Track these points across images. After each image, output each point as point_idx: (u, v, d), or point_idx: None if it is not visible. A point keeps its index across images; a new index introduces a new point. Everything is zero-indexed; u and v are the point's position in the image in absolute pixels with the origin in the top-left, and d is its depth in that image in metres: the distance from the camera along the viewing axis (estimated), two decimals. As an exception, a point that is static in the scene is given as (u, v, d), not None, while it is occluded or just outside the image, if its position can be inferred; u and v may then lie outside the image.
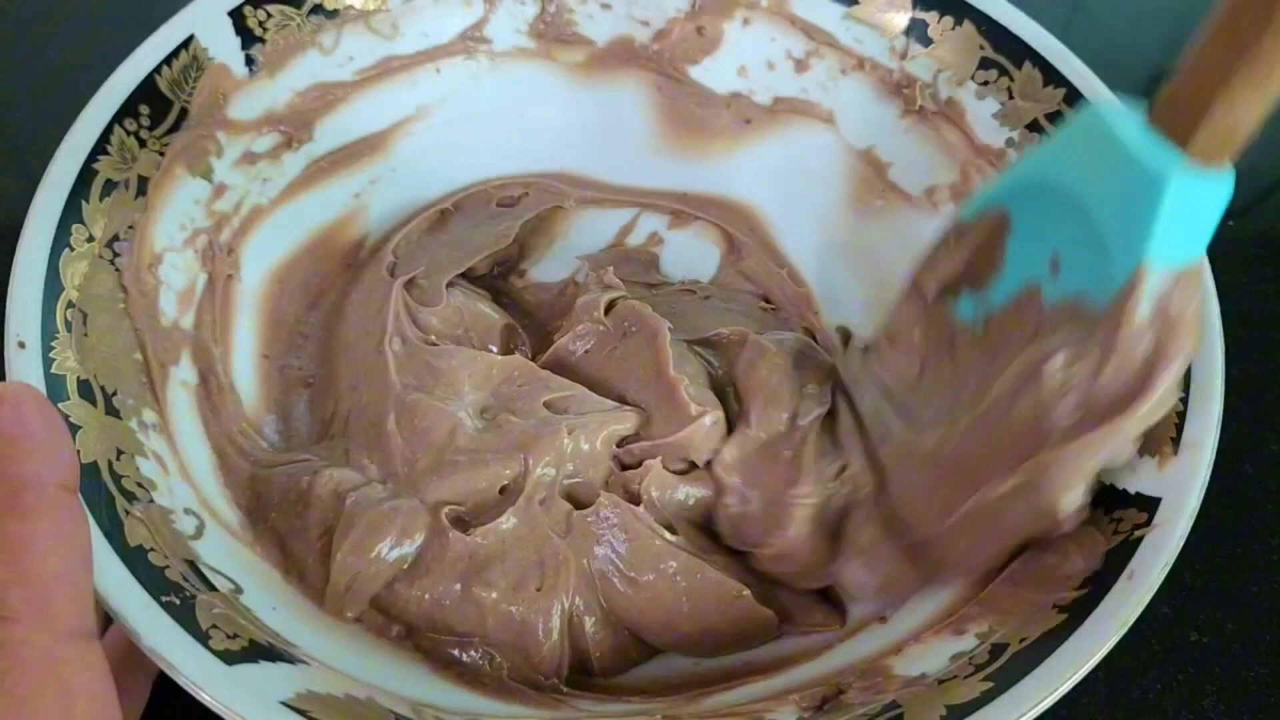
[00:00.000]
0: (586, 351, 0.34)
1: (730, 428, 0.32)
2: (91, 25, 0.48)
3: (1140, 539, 0.25)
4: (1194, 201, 0.24)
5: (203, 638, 0.23)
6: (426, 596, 0.29)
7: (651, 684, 0.30)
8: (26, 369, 0.26)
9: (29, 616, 0.20)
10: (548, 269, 0.40)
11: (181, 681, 0.23)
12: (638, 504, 0.31)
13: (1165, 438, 0.26)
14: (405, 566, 0.29)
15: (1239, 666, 0.33)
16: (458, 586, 0.29)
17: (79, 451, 0.25)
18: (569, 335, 0.34)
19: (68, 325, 0.27)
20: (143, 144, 0.31)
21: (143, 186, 0.31)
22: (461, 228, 0.39)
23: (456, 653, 0.29)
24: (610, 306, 0.34)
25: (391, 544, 0.29)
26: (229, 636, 0.24)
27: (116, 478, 0.26)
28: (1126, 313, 0.24)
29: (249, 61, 0.34)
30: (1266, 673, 0.32)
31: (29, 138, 0.43)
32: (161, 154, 0.32)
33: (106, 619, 0.24)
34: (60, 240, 0.28)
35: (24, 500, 0.21)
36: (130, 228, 0.30)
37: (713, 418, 0.31)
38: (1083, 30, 0.48)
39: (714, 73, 0.39)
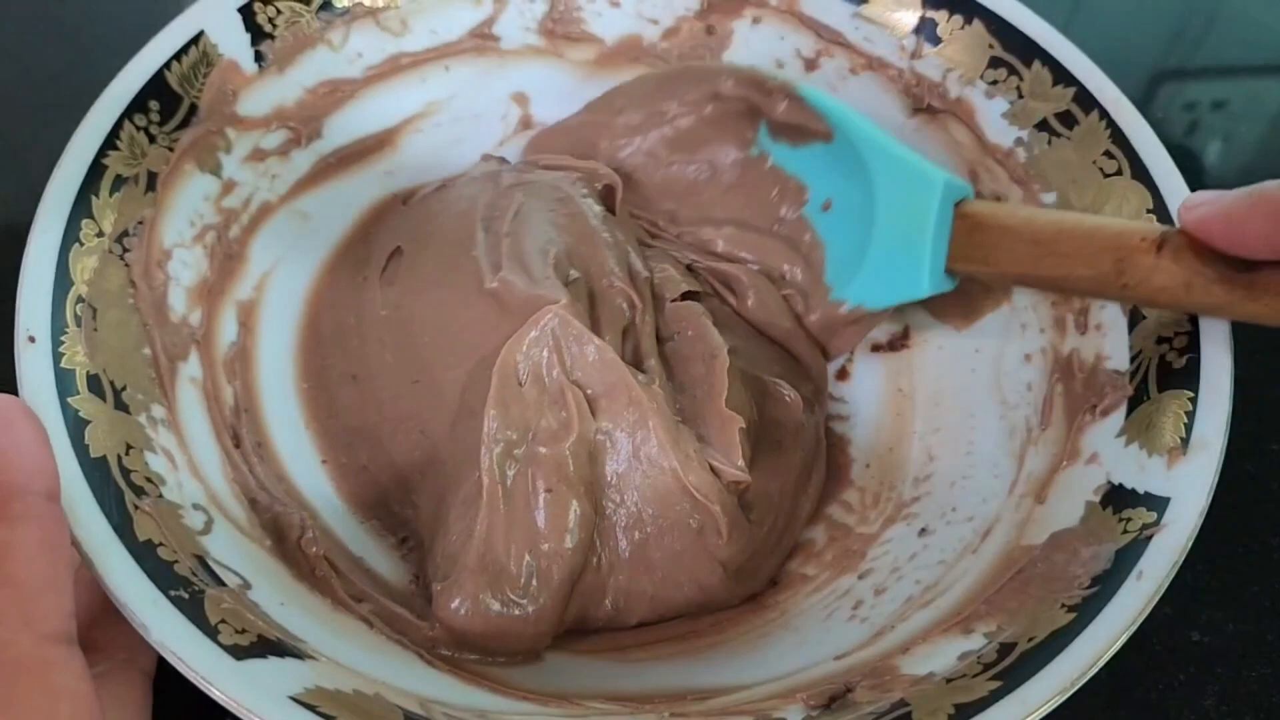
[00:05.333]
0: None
1: None
2: (92, 25, 0.48)
3: (1149, 539, 0.25)
4: (918, 274, 0.31)
5: (212, 633, 0.23)
6: None
7: (652, 692, 0.30)
8: (36, 363, 0.26)
9: (13, 619, 0.21)
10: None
11: (191, 676, 0.23)
12: None
13: (1175, 437, 0.26)
14: None
15: (1240, 666, 0.33)
16: None
17: (89, 446, 0.26)
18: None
19: (77, 320, 0.27)
20: (152, 139, 0.31)
21: (152, 182, 0.31)
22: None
23: None
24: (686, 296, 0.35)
25: None
26: (238, 631, 0.24)
27: (125, 472, 0.26)
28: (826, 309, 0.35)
29: (258, 58, 0.34)
30: (1268, 673, 0.33)
31: (29, 138, 0.43)
32: (171, 149, 0.32)
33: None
34: (70, 235, 0.28)
35: (10, 508, 0.22)
36: (140, 223, 0.30)
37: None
38: (1083, 30, 0.48)
39: (722, 72, 0.39)
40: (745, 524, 0.31)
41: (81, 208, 0.29)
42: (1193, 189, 0.31)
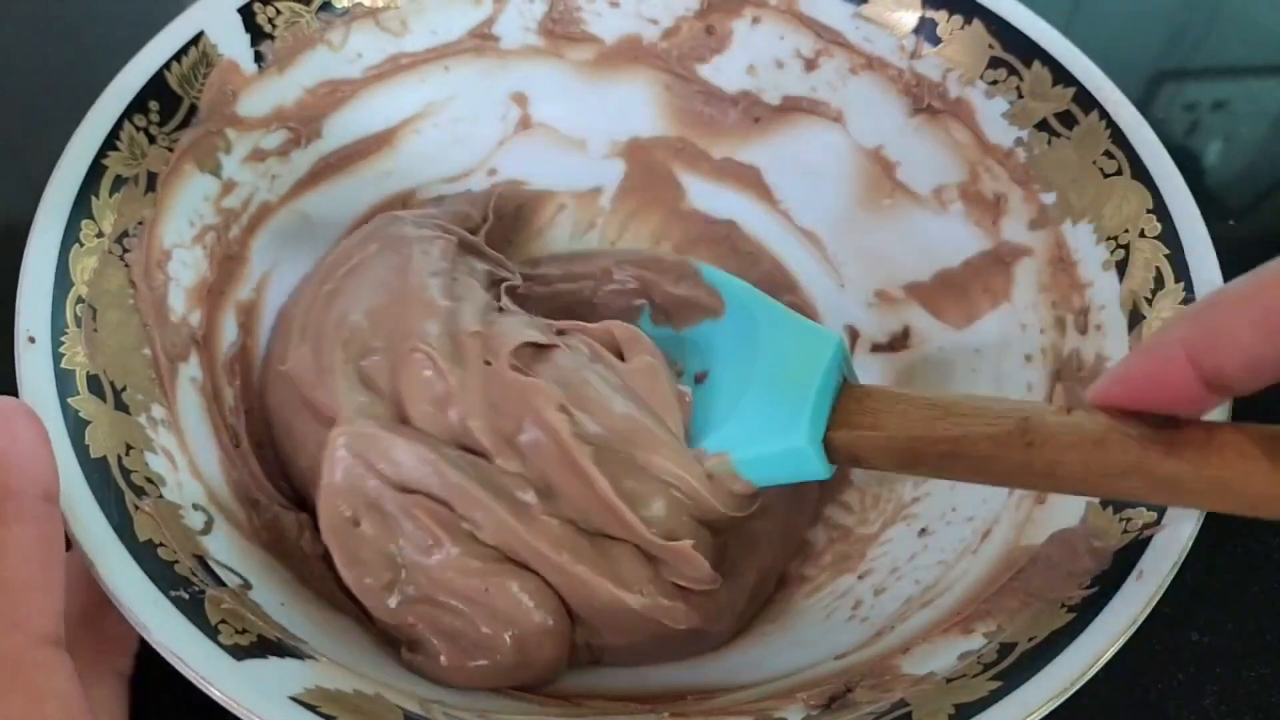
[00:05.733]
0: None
1: None
2: (92, 25, 0.48)
3: (1150, 538, 0.25)
4: (792, 456, 0.27)
5: (212, 633, 0.23)
6: None
7: (652, 692, 0.30)
8: (36, 364, 0.26)
9: (3, 620, 0.21)
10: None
11: (191, 676, 0.23)
12: None
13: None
14: None
15: (1240, 666, 0.33)
16: None
17: (89, 446, 0.26)
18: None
19: (77, 320, 0.27)
20: (152, 140, 0.31)
21: (152, 182, 0.31)
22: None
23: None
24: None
25: None
26: (238, 632, 0.24)
27: (125, 473, 0.26)
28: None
29: (258, 58, 0.34)
30: (1268, 673, 0.33)
31: (29, 138, 0.43)
32: (171, 150, 0.32)
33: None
34: (70, 235, 0.28)
35: (6, 509, 0.22)
36: (139, 223, 0.30)
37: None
38: (1083, 30, 0.48)
39: (723, 71, 0.39)
40: (735, 593, 0.30)
41: (81, 208, 0.29)
42: (1193, 189, 0.31)
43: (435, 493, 0.28)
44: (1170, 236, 0.30)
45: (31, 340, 0.26)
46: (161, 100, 0.32)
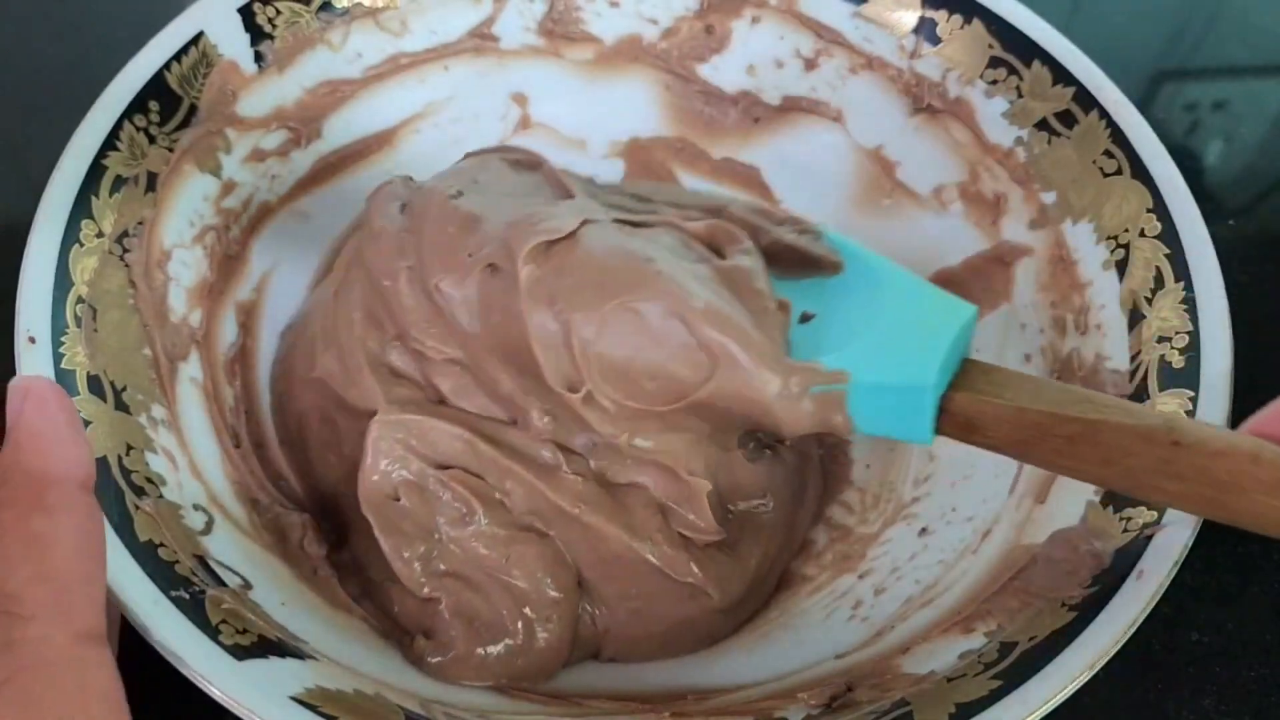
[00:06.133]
0: None
1: None
2: (91, 25, 0.48)
3: (1150, 538, 0.25)
4: (910, 399, 0.26)
5: (213, 633, 0.23)
6: None
7: (652, 692, 0.30)
8: (36, 364, 0.26)
9: (49, 616, 0.20)
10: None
11: (192, 676, 0.23)
12: None
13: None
14: None
15: (1239, 666, 0.33)
16: None
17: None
18: None
19: (77, 320, 0.27)
20: (152, 140, 0.31)
21: (152, 182, 0.31)
22: None
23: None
24: None
25: None
26: (239, 632, 0.24)
27: (126, 473, 0.26)
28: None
29: (258, 58, 0.34)
30: (1267, 673, 0.32)
31: (29, 138, 0.42)
32: (171, 150, 0.32)
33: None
34: (70, 236, 0.28)
35: (48, 498, 0.21)
36: (140, 223, 0.30)
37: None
38: (1083, 30, 0.48)
39: (722, 71, 0.39)
40: (736, 570, 0.30)
41: (81, 208, 0.29)
42: (1193, 189, 0.31)
43: (470, 466, 0.29)
44: (1170, 236, 0.30)
45: (31, 340, 0.26)
46: (161, 100, 0.32)
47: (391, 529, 0.29)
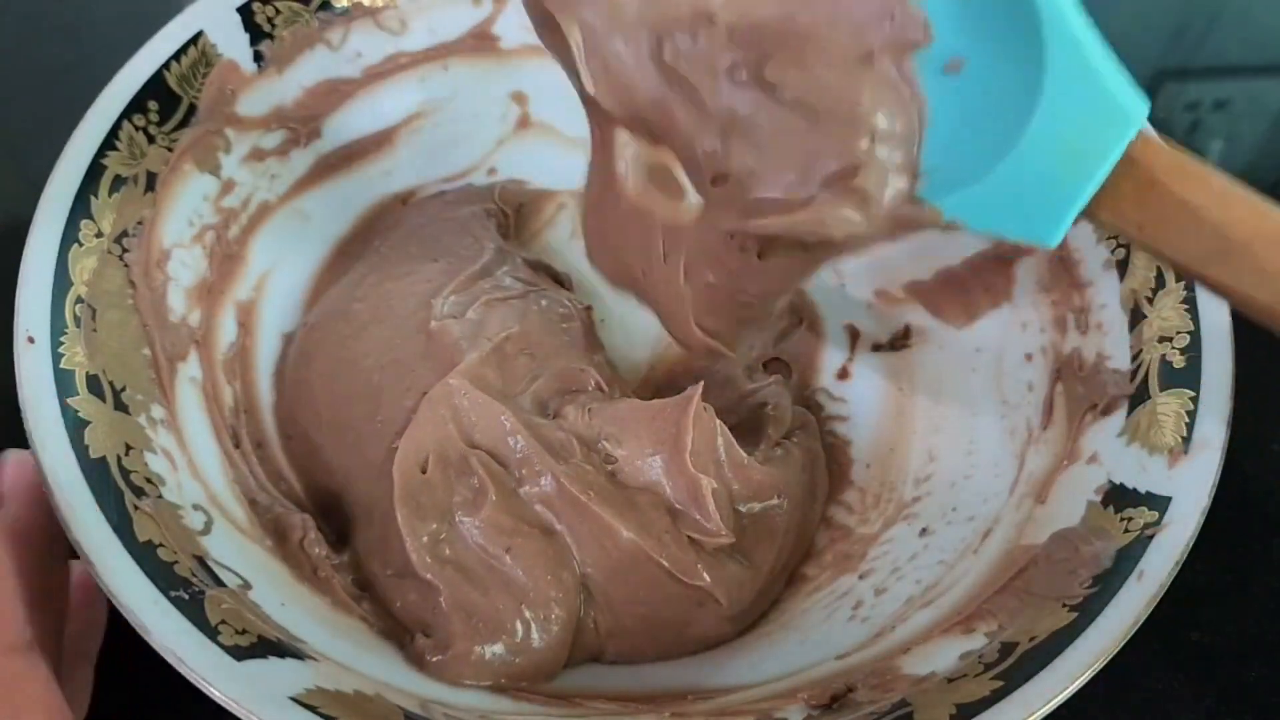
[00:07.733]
0: None
1: None
2: (92, 25, 0.48)
3: (1151, 538, 0.25)
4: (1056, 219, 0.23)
5: (212, 633, 0.23)
6: None
7: (653, 692, 0.30)
8: (35, 364, 0.26)
9: None
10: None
11: (191, 677, 0.23)
12: None
13: (1176, 437, 0.26)
14: None
15: (1240, 666, 0.33)
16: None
17: (88, 446, 0.26)
18: None
19: (77, 320, 0.27)
20: (151, 140, 0.31)
21: (151, 182, 0.31)
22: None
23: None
24: None
25: None
26: (238, 632, 0.24)
27: (125, 473, 0.26)
28: None
29: (257, 58, 0.34)
30: (1268, 673, 0.32)
31: (29, 138, 0.43)
32: (170, 150, 0.32)
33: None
34: (69, 235, 0.28)
35: None
36: (139, 223, 0.30)
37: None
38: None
39: (721, 71, 0.39)
40: (744, 577, 0.30)
41: (81, 208, 0.29)
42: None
43: (498, 451, 0.30)
44: (1171, 236, 0.30)
45: (31, 340, 0.26)
46: (161, 100, 0.32)
47: (409, 500, 0.29)
